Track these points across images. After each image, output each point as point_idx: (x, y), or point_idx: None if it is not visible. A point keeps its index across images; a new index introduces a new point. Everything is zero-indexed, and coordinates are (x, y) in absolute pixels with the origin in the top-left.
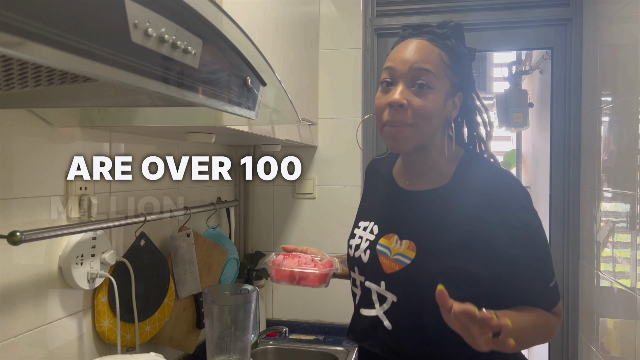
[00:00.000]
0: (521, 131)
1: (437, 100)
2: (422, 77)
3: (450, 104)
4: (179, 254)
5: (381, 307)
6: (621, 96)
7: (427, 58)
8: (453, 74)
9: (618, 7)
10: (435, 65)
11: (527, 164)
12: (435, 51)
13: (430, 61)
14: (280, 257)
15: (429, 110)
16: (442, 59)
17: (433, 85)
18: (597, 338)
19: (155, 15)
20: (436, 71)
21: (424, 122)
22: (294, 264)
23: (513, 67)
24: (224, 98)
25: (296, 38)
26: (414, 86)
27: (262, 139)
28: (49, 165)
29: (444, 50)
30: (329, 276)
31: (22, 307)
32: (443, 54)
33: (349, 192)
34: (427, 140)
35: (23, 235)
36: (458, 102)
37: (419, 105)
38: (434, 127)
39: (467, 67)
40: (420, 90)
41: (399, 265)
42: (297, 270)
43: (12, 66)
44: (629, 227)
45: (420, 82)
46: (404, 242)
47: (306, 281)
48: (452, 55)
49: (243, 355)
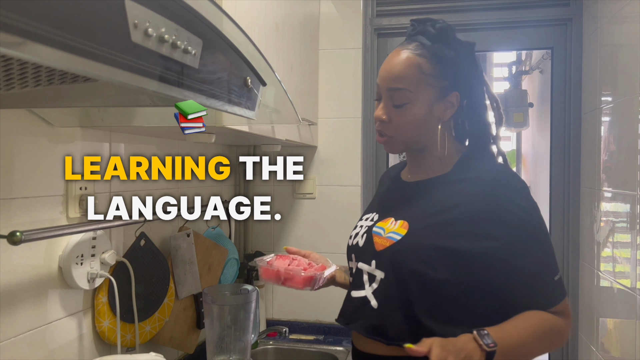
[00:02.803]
0: (521, 131)
1: (417, 112)
2: (397, 96)
3: (440, 107)
4: (179, 254)
5: (370, 287)
6: (621, 96)
7: (402, 74)
8: (438, 79)
9: (618, 7)
10: (410, 80)
11: (527, 164)
12: (413, 63)
13: (405, 77)
14: (273, 257)
15: (408, 123)
16: (421, 70)
17: (410, 100)
18: (597, 338)
19: (155, 15)
20: (412, 86)
21: (407, 133)
22: (283, 264)
23: (513, 67)
24: (224, 98)
25: (296, 38)
26: (393, 103)
27: (262, 139)
28: (49, 165)
29: (427, 58)
30: (314, 279)
31: (22, 307)
32: (423, 64)
33: (349, 192)
34: (421, 144)
35: (23, 235)
36: (455, 101)
37: (398, 121)
38: (422, 132)
39: (461, 66)
40: (399, 107)
41: (390, 242)
42: (283, 270)
43: (12, 66)
44: (629, 227)
45: (396, 101)
46: (399, 222)
47: (291, 282)
48: (437, 61)
49: (243, 355)
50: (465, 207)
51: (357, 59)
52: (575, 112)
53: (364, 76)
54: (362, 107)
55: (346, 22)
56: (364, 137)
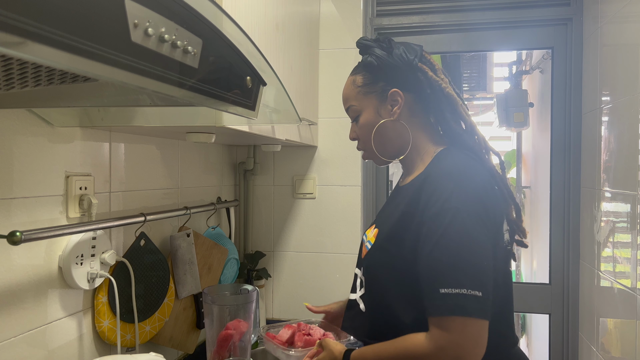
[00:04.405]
0: (521, 131)
1: (367, 117)
2: (351, 113)
3: (386, 108)
4: (179, 254)
5: (360, 291)
6: (621, 96)
7: (346, 95)
8: (372, 85)
9: (618, 7)
10: (352, 95)
11: (527, 164)
12: (350, 83)
13: (349, 96)
14: (287, 331)
15: (365, 132)
16: (356, 84)
17: (358, 112)
18: (597, 338)
19: (155, 15)
20: (354, 100)
21: (369, 141)
22: (285, 336)
23: (513, 66)
24: (224, 98)
25: (296, 38)
26: (352, 120)
27: (262, 139)
28: (48, 165)
29: (359, 73)
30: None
31: (22, 307)
32: (357, 78)
33: (349, 192)
34: (395, 149)
35: (23, 235)
36: (399, 98)
37: (360, 133)
38: (385, 138)
39: (394, 66)
40: (356, 122)
41: (366, 250)
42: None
43: (12, 66)
44: (629, 227)
45: (352, 118)
46: (375, 230)
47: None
48: (366, 70)
49: (243, 355)
50: (402, 208)
51: (357, 59)
52: (576, 112)
53: None
54: None
55: (346, 22)
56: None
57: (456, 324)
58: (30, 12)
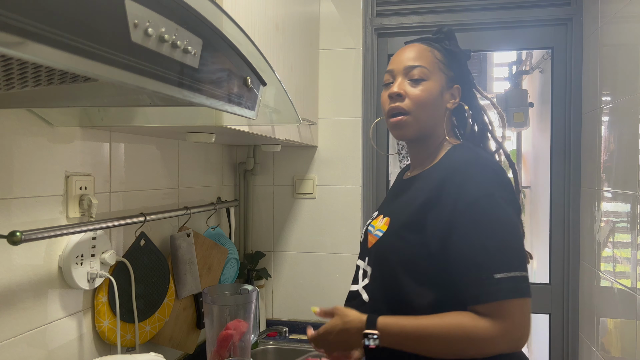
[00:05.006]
0: (521, 131)
1: (432, 89)
2: (416, 71)
3: (448, 95)
4: (179, 254)
5: (363, 282)
6: (621, 96)
7: (419, 56)
8: (447, 68)
9: (618, 7)
10: (427, 60)
11: (527, 164)
12: (427, 50)
13: (422, 58)
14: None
15: (424, 98)
16: (435, 56)
17: (427, 77)
18: (597, 338)
19: (155, 15)
20: (429, 65)
21: (420, 109)
22: None
23: (513, 66)
24: (224, 98)
25: (296, 38)
26: (410, 80)
27: (262, 139)
28: (48, 165)
29: (437, 49)
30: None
31: (22, 307)
32: (436, 52)
33: (349, 192)
34: (428, 130)
35: (23, 235)
36: (457, 94)
37: (414, 94)
38: (431, 115)
39: (462, 64)
40: (415, 82)
41: (375, 239)
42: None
43: (12, 66)
44: (629, 227)
45: (415, 76)
46: (385, 218)
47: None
48: (445, 53)
49: (243, 355)
50: (423, 197)
51: (357, 58)
52: (576, 112)
53: (364, 76)
54: (362, 107)
55: (346, 22)
56: (364, 137)
57: (515, 307)
58: (30, 12)
